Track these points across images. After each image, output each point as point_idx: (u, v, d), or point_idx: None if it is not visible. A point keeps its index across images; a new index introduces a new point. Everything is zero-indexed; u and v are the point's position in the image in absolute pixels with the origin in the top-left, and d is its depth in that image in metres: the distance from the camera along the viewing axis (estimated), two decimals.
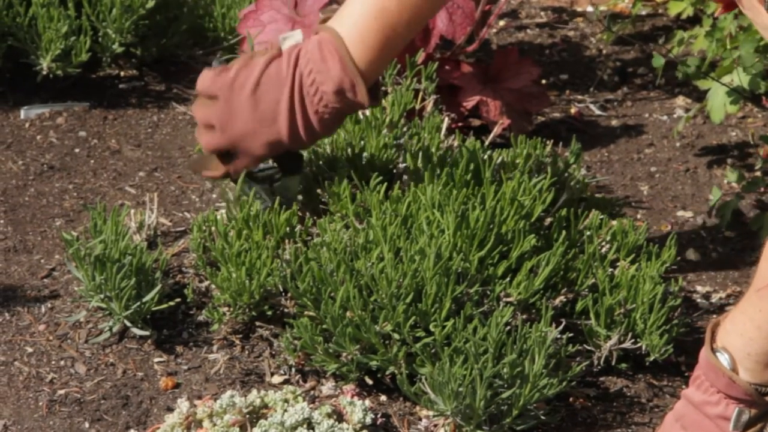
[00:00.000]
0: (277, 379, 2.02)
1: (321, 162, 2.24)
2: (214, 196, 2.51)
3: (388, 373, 1.97)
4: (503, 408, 1.88)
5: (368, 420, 1.89)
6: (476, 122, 2.75)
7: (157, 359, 2.06)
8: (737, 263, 2.46)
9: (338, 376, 2.00)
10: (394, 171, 2.24)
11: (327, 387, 1.99)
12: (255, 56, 2.03)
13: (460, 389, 1.83)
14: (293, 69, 1.99)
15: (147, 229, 2.29)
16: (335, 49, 1.96)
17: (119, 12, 2.80)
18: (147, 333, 2.07)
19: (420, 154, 2.20)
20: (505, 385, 1.86)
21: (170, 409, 1.94)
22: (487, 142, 2.44)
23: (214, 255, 2.08)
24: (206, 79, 2.06)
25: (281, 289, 2.06)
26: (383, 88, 2.39)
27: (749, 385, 1.79)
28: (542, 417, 1.92)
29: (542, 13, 3.54)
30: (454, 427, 1.91)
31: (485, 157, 2.19)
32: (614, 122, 2.97)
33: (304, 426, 1.84)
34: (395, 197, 2.10)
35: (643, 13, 3.52)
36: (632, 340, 2.04)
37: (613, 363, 2.05)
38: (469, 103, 2.69)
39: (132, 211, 2.31)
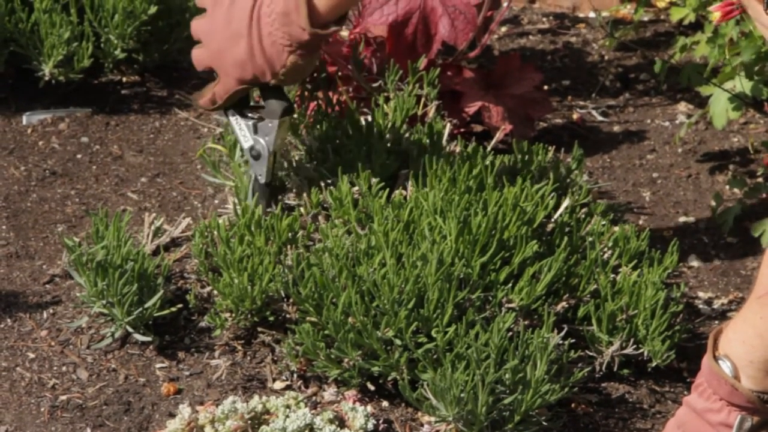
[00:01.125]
0: (278, 385, 2.02)
1: (323, 167, 2.24)
2: (216, 201, 2.51)
3: (390, 378, 1.97)
4: (505, 414, 1.88)
5: (370, 426, 1.89)
6: (478, 128, 2.75)
7: (159, 365, 2.06)
8: (739, 269, 2.46)
9: (340, 381, 2.00)
10: (396, 177, 2.24)
11: (329, 393, 1.99)
12: None
13: (462, 395, 1.83)
14: None
15: (166, 237, 2.29)
16: None
17: (121, 18, 2.80)
18: (149, 339, 2.07)
19: (422, 159, 2.20)
20: (507, 391, 1.86)
21: (172, 415, 1.94)
22: (489, 148, 2.44)
23: (216, 261, 2.08)
24: None
25: (283, 295, 2.06)
26: (385, 94, 2.39)
27: (751, 392, 1.78)
28: (544, 423, 1.92)
29: (544, 19, 3.54)
30: None
31: (487, 162, 2.19)
32: (616, 128, 2.97)
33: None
34: (397, 203, 2.10)
35: (645, 19, 3.52)
36: (634, 346, 2.04)
37: (615, 369, 2.05)
38: (471, 108, 2.69)
39: (149, 215, 2.31)
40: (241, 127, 2.17)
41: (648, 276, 2.08)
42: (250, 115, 2.17)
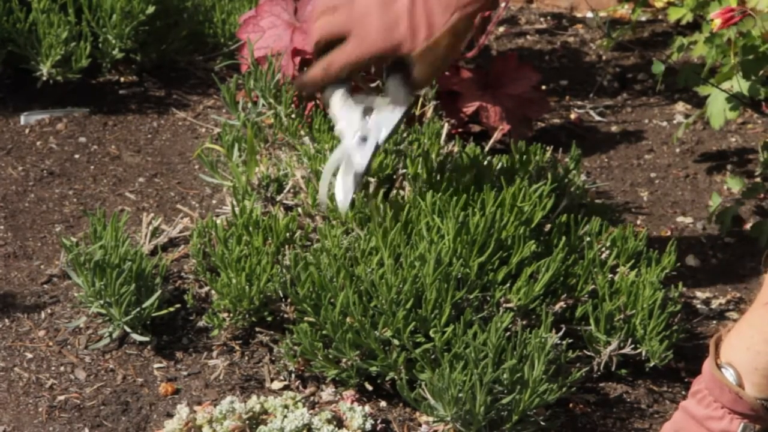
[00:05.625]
0: (276, 385, 2.02)
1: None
2: (214, 201, 2.51)
3: (388, 378, 1.97)
4: (503, 414, 1.88)
5: (368, 426, 1.89)
6: (476, 128, 2.76)
7: (156, 365, 2.06)
8: (737, 269, 2.46)
9: (338, 381, 2.00)
10: (394, 177, 2.24)
11: (327, 393, 1.99)
12: None
13: (460, 395, 1.83)
14: None
15: (164, 237, 2.29)
16: None
17: (119, 18, 2.80)
18: (147, 339, 2.07)
19: (420, 159, 2.20)
20: (505, 391, 1.86)
21: (170, 415, 1.94)
22: (486, 148, 2.44)
23: (213, 261, 2.08)
24: None
25: (281, 295, 2.06)
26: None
27: (756, 400, 1.75)
28: (542, 423, 1.92)
29: (542, 19, 3.54)
30: None
31: (485, 162, 2.19)
32: (614, 128, 2.98)
33: None
34: (395, 203, 2.10)
35: (643, 19, 3.52)
36: (632, 346, 2.04)
37: (613, 369, 2.05)
38: (469, 108, 2.69)
39: (147, 216, 2.31)
40: (349, 107, 1.95)
41: (646, 276, 2.08)
42: (363, 97, 1.97)
